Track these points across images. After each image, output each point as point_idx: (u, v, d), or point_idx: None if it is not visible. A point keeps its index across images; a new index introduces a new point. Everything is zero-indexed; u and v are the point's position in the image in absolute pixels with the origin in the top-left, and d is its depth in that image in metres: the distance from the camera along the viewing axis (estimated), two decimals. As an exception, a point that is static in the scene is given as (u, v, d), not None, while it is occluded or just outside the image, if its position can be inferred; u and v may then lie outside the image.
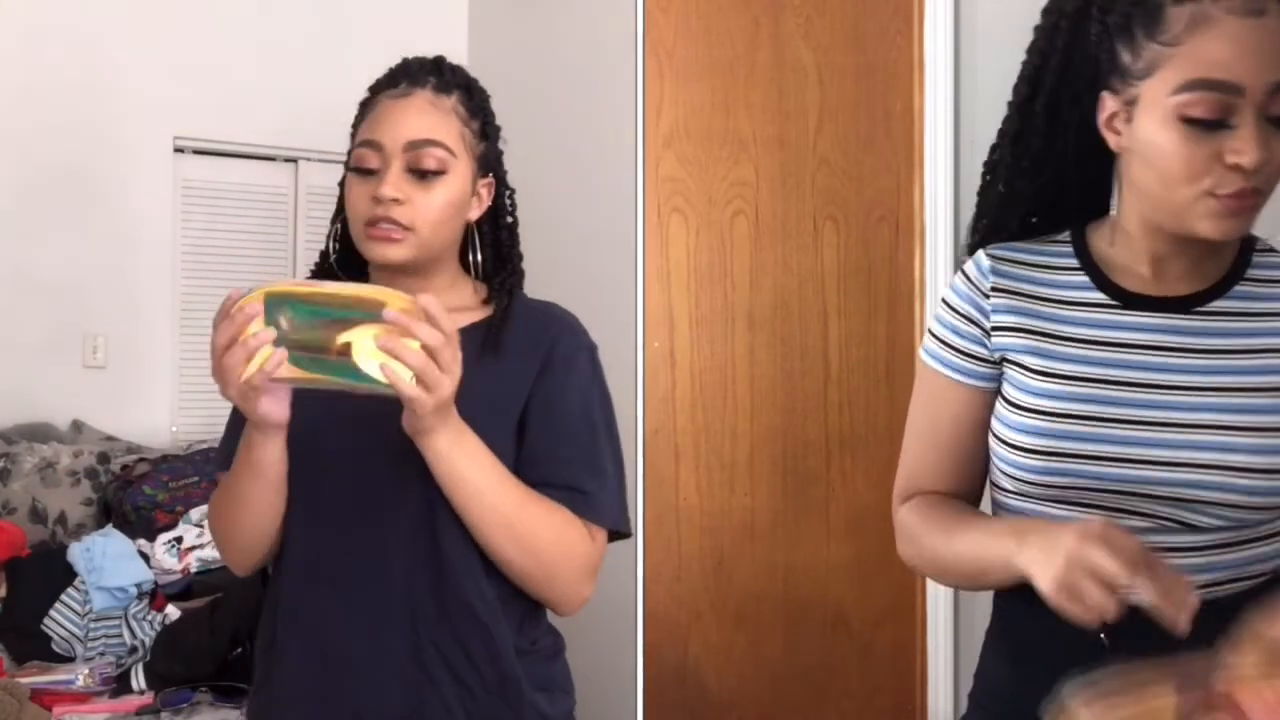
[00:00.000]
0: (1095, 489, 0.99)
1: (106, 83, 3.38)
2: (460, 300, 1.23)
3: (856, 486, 2.69)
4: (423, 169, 1.17)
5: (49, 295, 3.27)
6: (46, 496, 2.90)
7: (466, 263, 1.27)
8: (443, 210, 1.18)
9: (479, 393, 1.13)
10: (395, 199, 1.15)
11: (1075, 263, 1.05)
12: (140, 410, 3.36)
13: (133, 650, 2.47)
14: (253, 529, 1.18)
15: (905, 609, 2.62)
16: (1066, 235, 1.07)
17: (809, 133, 2.72)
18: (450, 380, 1.04)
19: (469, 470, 1.10)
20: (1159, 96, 0.93)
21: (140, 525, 2.82)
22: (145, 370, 3.39)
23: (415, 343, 1.02)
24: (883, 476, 2.67)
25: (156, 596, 2.57)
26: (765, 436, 2.67)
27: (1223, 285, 1.01)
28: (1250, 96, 0.90)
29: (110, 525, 2.82)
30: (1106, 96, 0.98)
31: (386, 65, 1.29)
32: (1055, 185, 1.06)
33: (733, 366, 2.69)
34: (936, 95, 2.53)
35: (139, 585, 2.57)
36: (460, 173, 1.19)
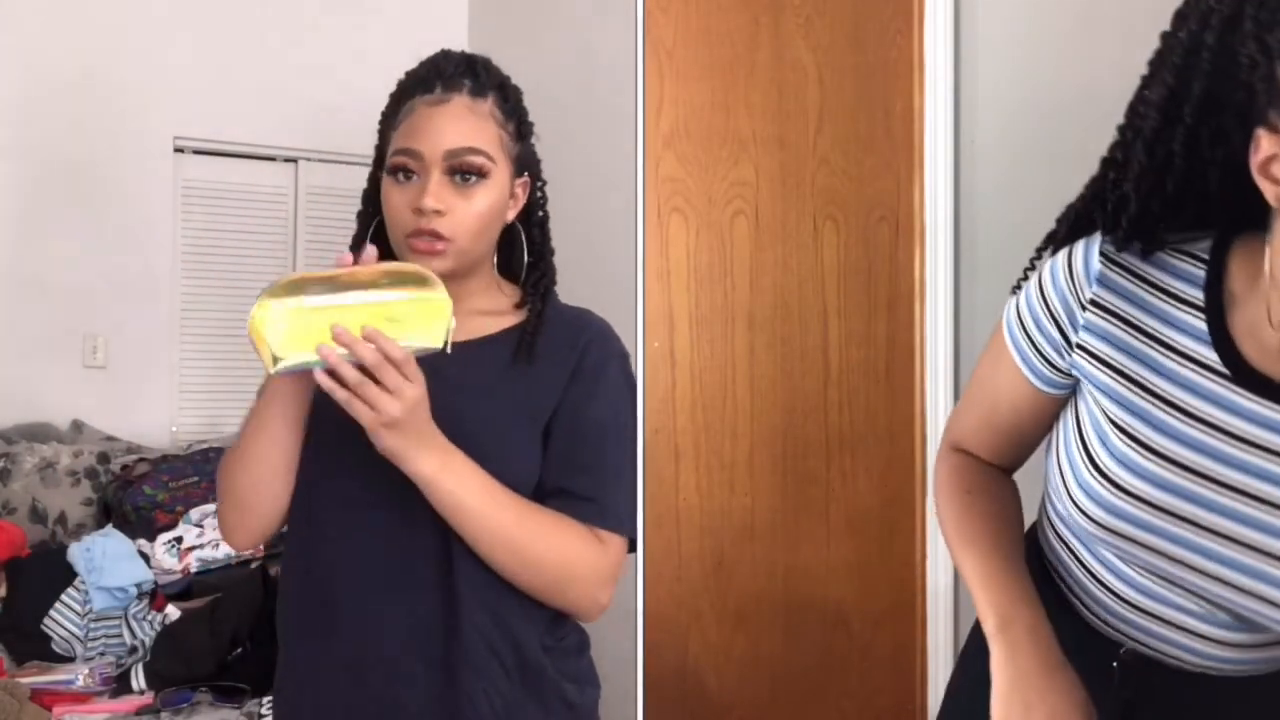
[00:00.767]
0: (1153, 571, 0.89)
1: (106, 83, 3.38)
2: (493, 304, 1.24)
3: (856, 486, 2.69)
4: (463, 176, 1.16)
5: (49, 295, 3.27)
6: (46, 496, 2.90)
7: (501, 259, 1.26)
8: (482, 218, 1.17)
9: (509, 399, 1.14)
10: (437, 210, 1.14)
11: (1199, 297, 0.84)
12: (140, 410, 3.36)
13: (133, 650, 2.47)
14: (255, 484, 1.18)
15: (905, 609, 2.62)
16: (1206, 249, 0.86)
17: (809, 133, 2.72)
18: (397, 402, 1.02)
19: (460, 494, 1.09)
20: None
21: (140, 525, 2.82)
22: (145, 370, 3.39)
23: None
24: (883, 476, 2.68)
25: (156, 596, 2.57)
26: (765, 436, 2.67)
27: None
28: None
29: (110, 525, 2.82)
30: (1263, 135, 0.77)
31: (386, 65, 1.29)
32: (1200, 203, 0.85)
33: (733, 366, 2.69)
34: (936, 95, 2.53)
35: (139, 585, 2.57)
36: (499, 177, 1.19)
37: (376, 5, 3.72)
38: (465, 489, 1.09)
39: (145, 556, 2.69)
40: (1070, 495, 0.92)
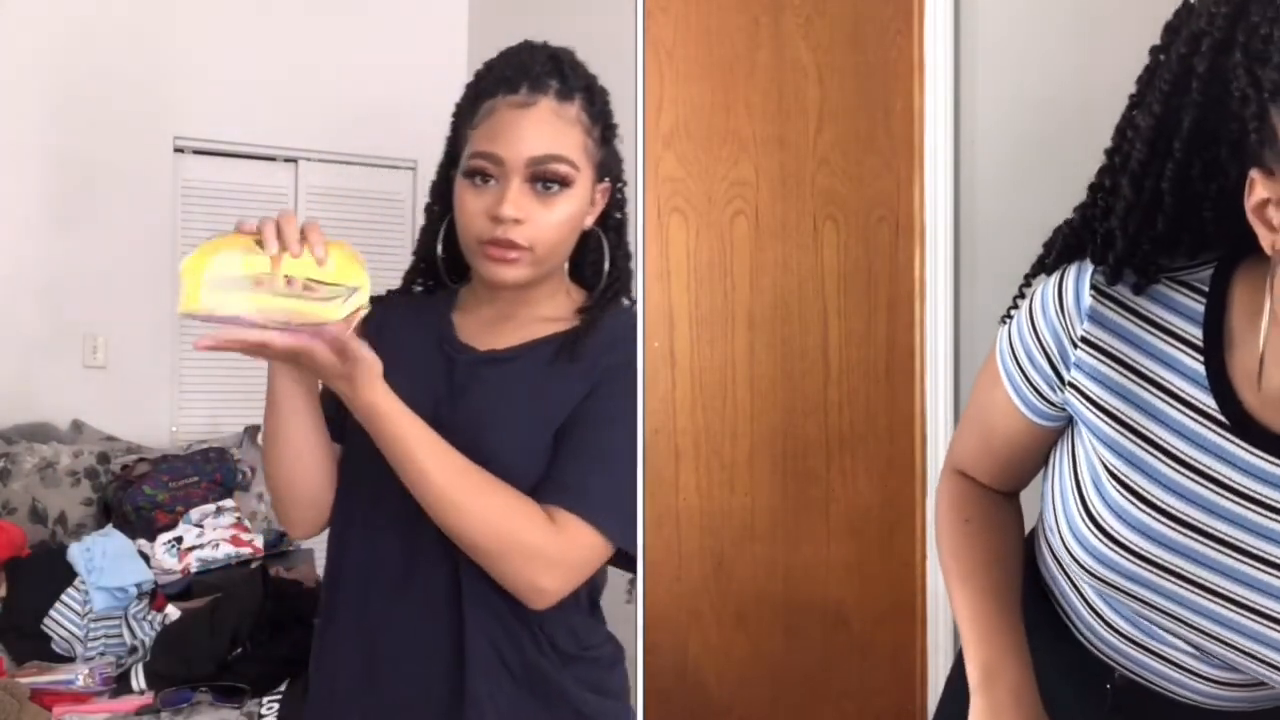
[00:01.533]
0: (1150, 617, 0.86)
1: (106, 83, 3.38)
2: (554, 310, 1.19)
3: (857, 486, 2.69)
4: (544, 184, 1.11)
5: (49, 295, 3.27)
6: (46, 496, 2.90)
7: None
8: (562, 228, 1.12)
9: (534, 404, 1.11)
10: (517, 220, 1.09)
11: (1198, 336, 0.77)
12: (140, 410, 3.37)
13: (133, 650, 2.47)
14: (293, 479, 1.17)
15: (905, 609, 2.62)
16: (1206, 279, 0.78)
17: (809, 133, 2.72)
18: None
19: (404, 435, 1.05)
20: None
21: (140, 525, 2.82)
22: (145, 370, 3.39)
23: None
24: (883, 476, 2.68)
25: (156, 596, 2.57)
26: (765, 436, 2.67)
27: None
28: None
29: (110, 525, 2.83)
30: (1256, 178, 0.70)
31: (387, 66, 1.27)
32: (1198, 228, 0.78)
33: (733, 366, 2.69)
34: (936, 95, 2.53)
35: (139, 585, 2.57)
36: (582, 186, 1.14)
37: (377, 5, 3.72)
38: (409, 431, 1.05)
39: (145, 556, 2.69)
40: (1062, 536, 0.89)
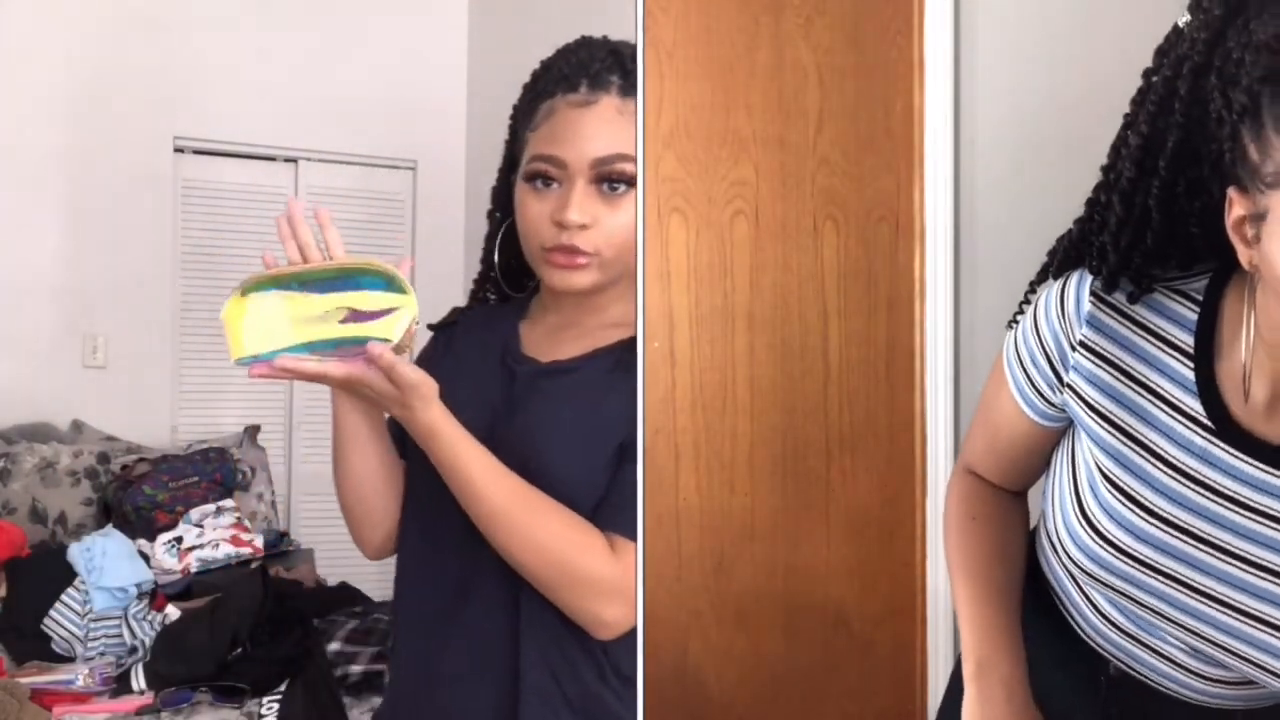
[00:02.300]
0: (1145, 616, 0.88)
1: (106, 83, 3.38)
2: (623, 315, 1.16)
3: (857, 486, 2.69)
4: (611, 186, 1.08)
5: (49, 295, 3.28)
6: (46, 496, 2.90)
7: None
8: (629, 230, 1.09)
9: (588, 417, 1.09)
10: (582, 225, 1.07)
11: (1189, 343, 0.79)
12: (140, 410, 3.37)
13: (133, 650, 2.47)
14: (360, 498, 1.16)
15: (905, 609, 2.62)
16: (1201, 289, 0.80)
17: (809, 133, 2.72)
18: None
19: (462, 457, 1.03)
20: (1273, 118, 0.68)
21: (140, 525, 2.82)
22: (145, 370, 3.39)
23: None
24: (883, 476, 2.68)
25: (156, 596, 2.57)
26: (765, 436, 2.67)
27: None
28: None
29: (110, 525, 2.83)
30: (1233, 195, 0.72)
31: (387, 65, 1.27)
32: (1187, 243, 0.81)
33: (733, 366, 2.69)
34: (936, 95, 2.53)
35: (139, 585, 2.57)
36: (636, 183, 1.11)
37: (377, 5, 3.72)
38: (464, 454, 1.03)
39: (145, 556, 2.69)
40: (1059, 534, 0.92)
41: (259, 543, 2.94)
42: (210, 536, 2.83)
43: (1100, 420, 0.83)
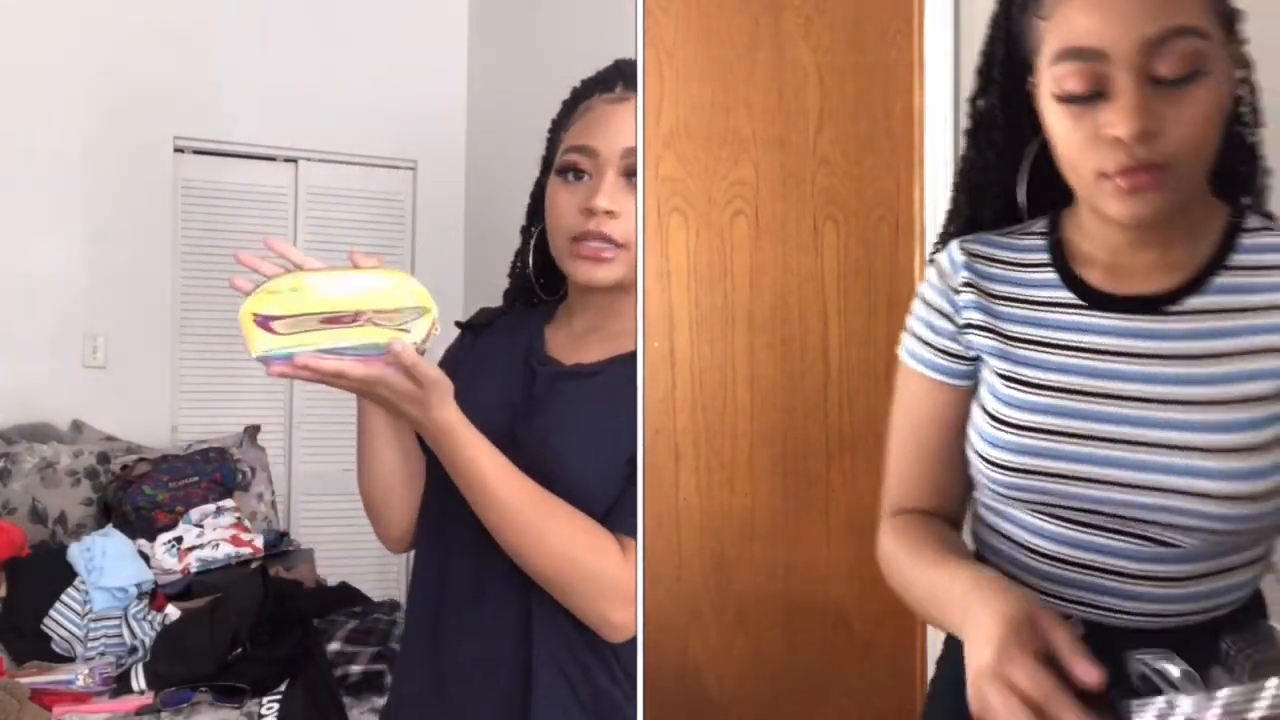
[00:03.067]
0: (1065, 505, 0.93)
1: (106, 83, 3.38)
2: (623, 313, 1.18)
3: (857, 486, 2.69)
4: (633, 177, 1.11)
5: (49, 295, 3.28)
6: (46, 496, 2.90)
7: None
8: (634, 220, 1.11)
9: (600, 424, 1.09)
10: (610, 211, 1.07)
11: (1046, 257, 0.98)
12: (140, 410, 3.37)
13: (133, 650, 2.47)
14: (382, 493, 1.15)
15: (905, 609, 2.62)
16: (1043, 225, 1.00)
17: (809, 133, 2.72)
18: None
19: (463, 454, 1.03)
20: (1045, 76, 0.88)
21: (140, 525, 2.82)
22: (145, 370, 3.39)
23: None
24: (883, 476, 2.68)
25: (156, 596, 2.57)
26: (765, 436, 2.67)
27: (1201, 278, 0.90)
28: (1119, 60, 0.82)
29: (110, 525, 2.83)
30: (1031, 80, 0.92)
31: (387, 66, 1.28)
32: (1020, 190, 1.01)
33: (733, 366, 2.69)
34: (936, 95, 2.53)
35: (139, 585, 2.57)
36: None
37: (377, 5, 3.72)
38: (477, 454, 1.02)
39: (145, 556, 2.69)
40: (979, 454, 0.98)
41: (259, 543, 2.94)
42: (210, 536, 2.83)
43: (991, 334, 0.98)
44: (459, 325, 1.26)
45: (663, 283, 2.70)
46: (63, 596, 2.51)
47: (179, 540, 2.78)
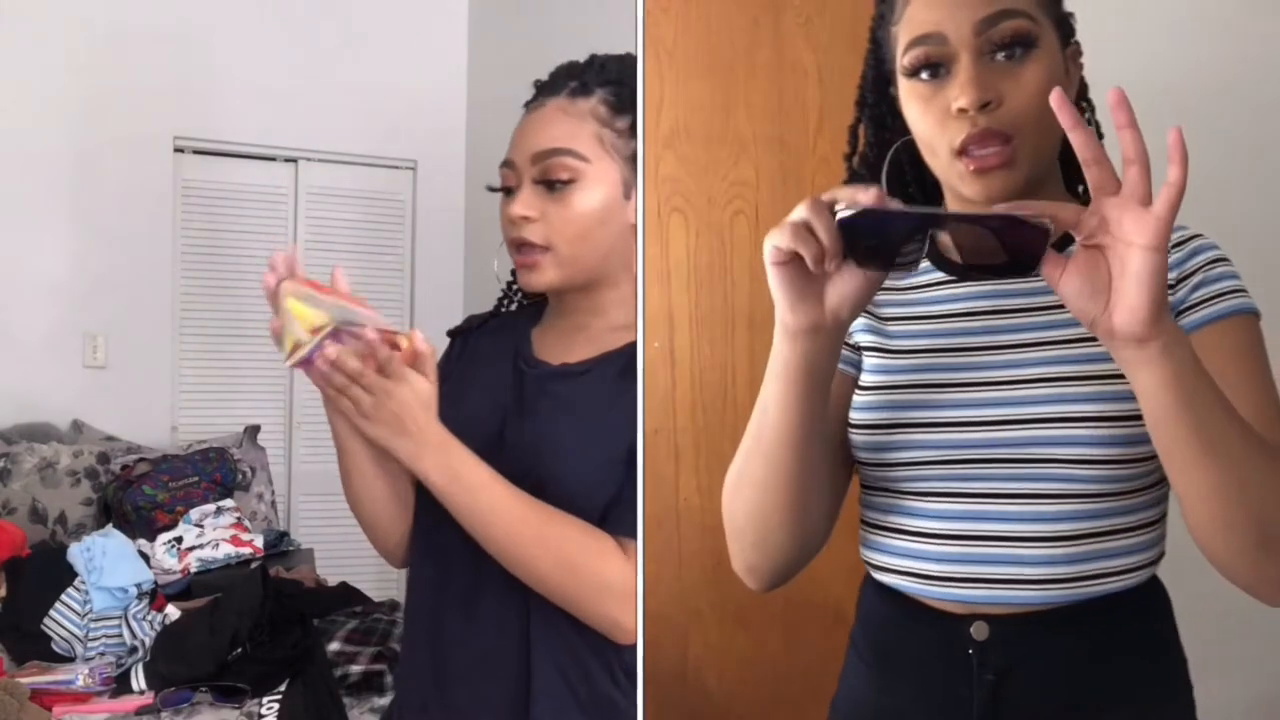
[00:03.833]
0: (941, 460, 0.96)
1: (106, 83, 3.38)
2: (628, 317, 1.17)
3: (856, 487, 2.68)
4: (551, 180, 1.10)
5: (49, 295, 3.28)
6: (46, 496, 2.90)
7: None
8: (579, 222, 1.10)
9: (593, 424, 1.09)
10: (525, 216, 1.09)
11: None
12: (140, 410, 3.37)
13: (133, 650, 2.47)
14: (370, 510, 1.17)
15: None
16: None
17: (809, 133, 2.72)
18: (373, 398, 1.01)
19: (465, 496, 1.05)
20: (900, 71, 0.97)
21: (140, 525, 2.82)
22: (145, 370, 3.40)
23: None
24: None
25: (156, 596, 2.57)
26: (765, 436, 2.67)
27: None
28: (957, 41, 0.92)
29: (110, 525, 2.83)
30: (893, 90, 1.01)
31: (387, 66, 1.28)
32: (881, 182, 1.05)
33: (733, 366, 2.68)
34: (936, 95, 2.53)
35: (139, 585, 2.57)
36: (600, 177, 1.11)
37: (377, 6, 3.72)
38: (471, 490, 1.04)
39: (145, 556, 2.69)
40: (852, 423, 1.02)
41: (259, 543, 2.94)
42: (210, 536, 2.83)
43: (868, 316, 1.04)
44: (449, 334, 1.28)
45: (663, 283, 2.70)
46: (63, 596, 2.51)
47: (179, 540, 2.78)
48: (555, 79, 1.17)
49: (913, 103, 0.96)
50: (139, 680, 2.32)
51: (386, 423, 1.02)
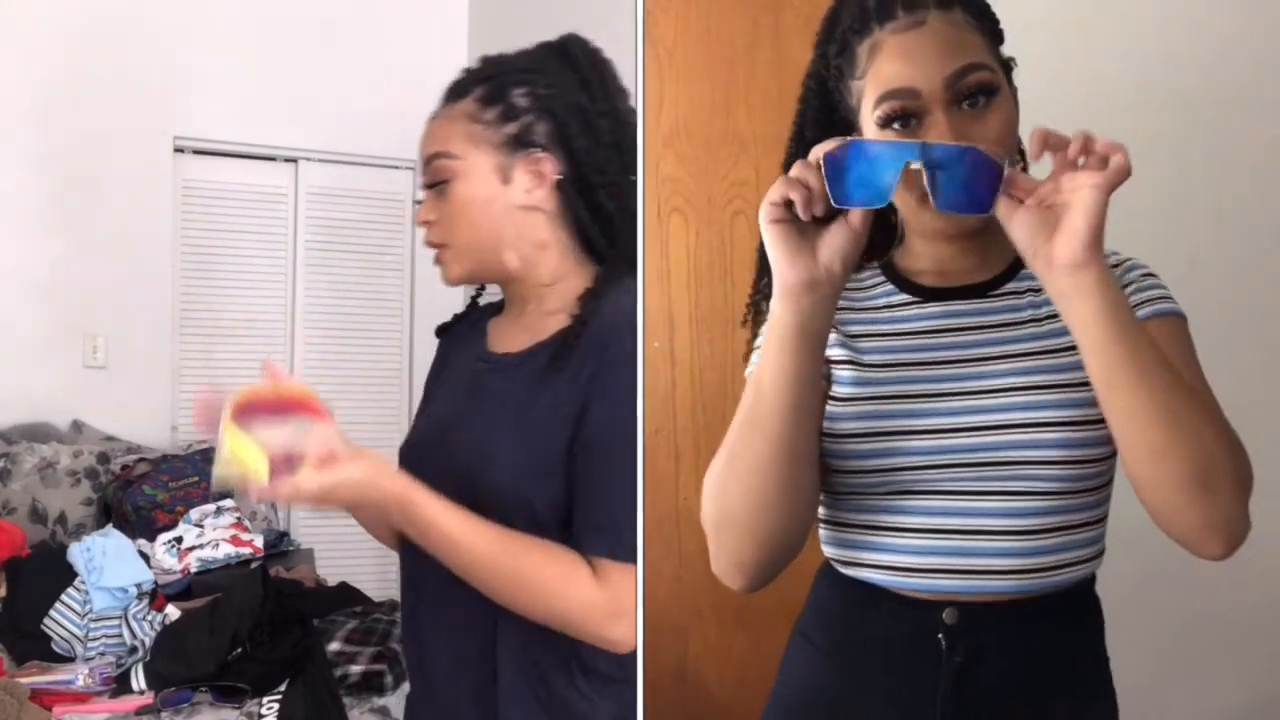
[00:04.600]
0: (924, 465, 1.02)
1: (106, 83, 3.38)
2: (561, 301, 1.17)
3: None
4: (435, 183, 1.16)
5: (49, 295, 3.27)
6: (46, 496, 2.90)
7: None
8: (459, 217, 1.15)
9: (525, 420, 1.10)
10: (425, 221, 1.16)
11: (881, 277, 1.13)
12: (140, 410, 3.37)
13: (133, 650, 2.47)
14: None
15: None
16: (876, 263, 1.15)
17: (809, 133, 2.72)
18: (303, 482, 1.04)
19: (432, 535, 1.07)
20: (868, 122, 1.03)
21: (140, 525, 2.82)
22: (145, 370, 3.40)
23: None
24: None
25: (156, 596, 2.57)
26: (765, 436, 2.66)
27: (1012, 270, 1.08)
28: (929, 95, 0.99)
29: (110, 525, 2.83)
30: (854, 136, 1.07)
31: (387, 66, 1.30)
32: None
33: (733, 366, 2.68)
34: (936, 95, 2.53)
35: (139, 585, 2.56)
36: (472, 170, 1.15)
37: (377, 5, 3.72)
38: (424, 534, 1.07)
39: (145, 556, 2.69)
40: (827, 433, 1.05)
41: (259, 543, 2.94)
42: (210, 536, 2.83)
43: (838, 336, 1.09)
44: (436, 333, 1.32)
45: (663, 283, 2.70)
46: (63, 596, 2.50)
47: (179, 540, 2.78)
48: (443, 97, 1.22)
49: None
50: (139, 680, 2.32)
51: (346, 502, 1.06)
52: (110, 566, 2.54)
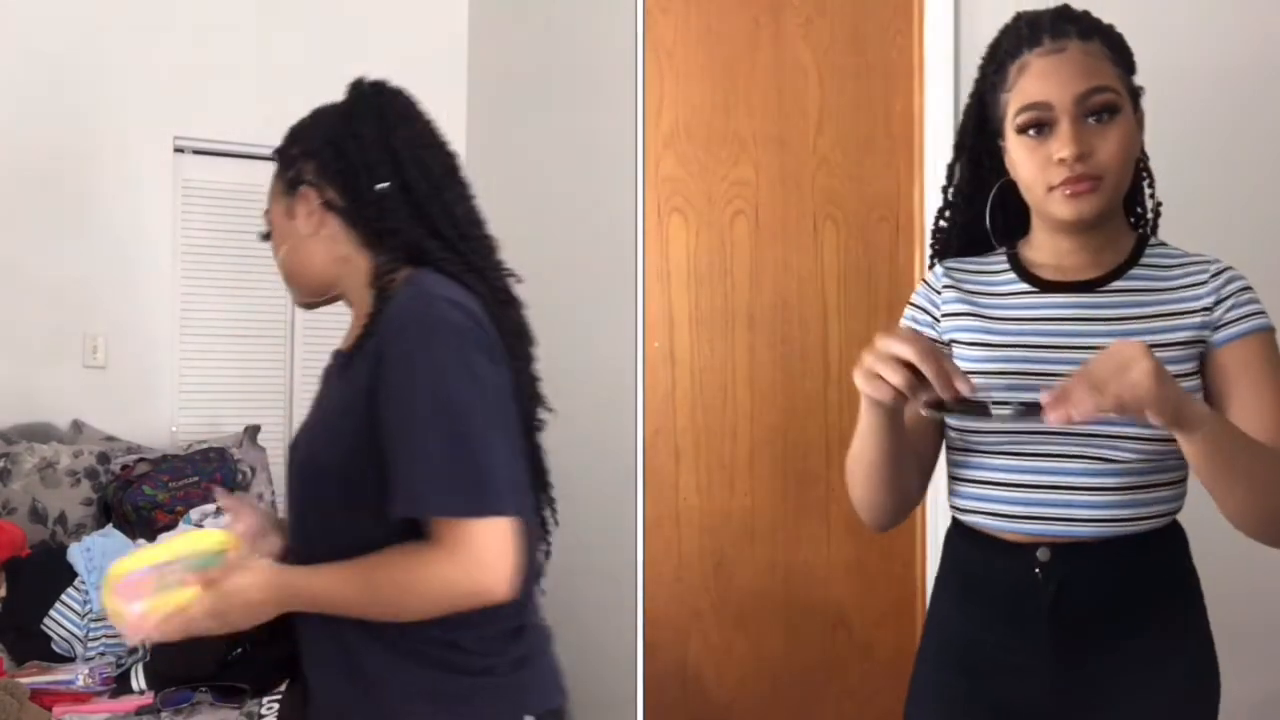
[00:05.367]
0: (1020, 431, 1.25)
1: (106, 83, 3.38)
2: (355, 305, 1.35)
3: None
4: (265, 237, 1.43)
5: (49, 295, 3.27)
6: (46, 496, 2.90)
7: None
8: (281, 256, 1.39)
9: (323, 403, 1.27)
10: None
11: (1007, 266, 1.35)
12: (140, 410, 3.36)
13: (133, 650, 2.47)
14: None
15: (905, 609, 2.63)
16: (1004, 250, 1.37)
17: (809, 133, 2.72)
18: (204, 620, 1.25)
19: (320, 605, 1.23)
20: (1010, 127, 1.27)
21: (140, 525, 2.82)
22: (145, 370, 3.39)
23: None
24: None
25: (156, 596, 2.57)
26: (765, 436, 2.67)
27: (1120, 270, 1.29)
28: (1061, 108, 1.22)
29: (110, 525, 2.83)
30: (1000, 143, 1.31)
31: (387, 65, 1.32)
32: (987, 217, 1.37)
33: (733, 366, 2.69)
34: (936, 95, 2.53)
35: (139, 585, 2.56)
36: (273, 218, 1.39)
37: (377, 5, 3.72)
38: (312, 604, 1.23)
39: (145, 556, 2.69)
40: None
41: (259, 543, 2.93)
42: (210, 536, 2.82)
43: (963, 316, 1.34)
44: None
45: (663, 283, 2.71)
46: (63, 596, 2.51)
47: (179, 540, 2.77)
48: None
49: (1020, 152, 1.26)
50: (139, 680, 2.32)
51: (243, 613, 1.27)
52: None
